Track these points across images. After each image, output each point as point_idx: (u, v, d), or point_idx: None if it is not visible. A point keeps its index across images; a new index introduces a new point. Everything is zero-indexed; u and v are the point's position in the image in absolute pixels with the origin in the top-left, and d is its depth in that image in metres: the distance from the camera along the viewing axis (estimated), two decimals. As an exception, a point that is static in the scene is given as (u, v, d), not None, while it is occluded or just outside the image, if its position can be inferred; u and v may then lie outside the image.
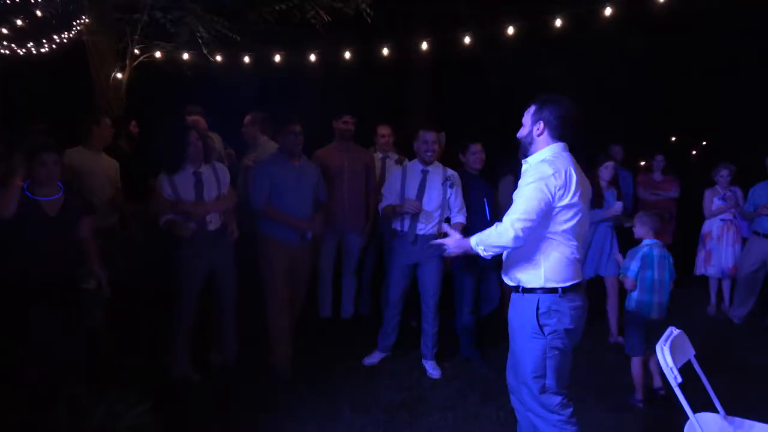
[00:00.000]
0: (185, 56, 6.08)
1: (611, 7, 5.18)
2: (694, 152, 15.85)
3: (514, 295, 2.75)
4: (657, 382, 3.94)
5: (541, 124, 2.65)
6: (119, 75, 5.87)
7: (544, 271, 2.60)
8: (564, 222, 2.58)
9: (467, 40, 5.73)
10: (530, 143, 2.69)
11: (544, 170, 2.55)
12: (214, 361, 4.24)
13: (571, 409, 2.66)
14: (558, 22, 5.32)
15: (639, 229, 3.98)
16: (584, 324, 2.74)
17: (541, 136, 2.66)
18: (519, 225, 2.51)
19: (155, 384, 3.88)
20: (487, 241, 2.62)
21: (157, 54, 6.05)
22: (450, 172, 4.29)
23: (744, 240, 5.83)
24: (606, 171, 5.03)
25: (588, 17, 5.42)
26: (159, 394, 3.75)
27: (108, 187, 4.35)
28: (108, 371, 3.86)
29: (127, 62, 5.90)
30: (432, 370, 4.30)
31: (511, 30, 5.46)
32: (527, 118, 2.70)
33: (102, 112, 4.57)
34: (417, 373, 4.28)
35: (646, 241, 3.93)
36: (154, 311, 4.28)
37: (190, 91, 6.51)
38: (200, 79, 6.40)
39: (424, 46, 5.99)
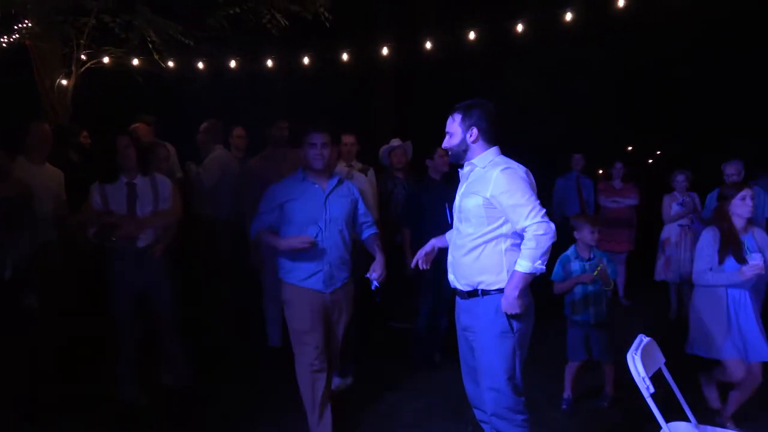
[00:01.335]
0: (135, 62, 5.82)
1: (570, 17, 5.21)
2: (650, 161, 16.31)
3: (470, 300, 2.69)
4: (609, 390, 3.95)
5: (475, 131, 2.67)
6: (64, 81, 5.58)
7: (508, 271, 2.59)
8: None
9: (430, 45, 5.70)
10: (465, 150, 2.72)
11: (513, 167, 2.61)
12: (166, 383, 4.01)
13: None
14: (519, 28, 5.32)
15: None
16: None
17: (476, 143, 2.69)
18: (540, 215, 2.51)
19: (100, 410, 3.68)
20: (536, 255, 2.49)
21: (105, 60, 5.77)
22: (347, 173, 4.17)
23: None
24: (743, 205, 3.36)
25: (548, 26, 5.45)
26: (103, 421, 3.55)
27: (48, 200, 4.06)
28: (49, 397, 3.63)
29: (73, 68, 5.61)
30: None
31: (472, 35, 5.44)
32: (455, 127, 2.71)
33: (35, 120, 4.27)
34: (383, 390, 4.12)
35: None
36: (99, 333, 4.02)
37: (141, 99, 6.27)
38: (152, 85, 6.15)
39: (386, 51, 5.92)
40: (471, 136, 2.67)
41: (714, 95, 12.26)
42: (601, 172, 9.58)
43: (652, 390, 2.41)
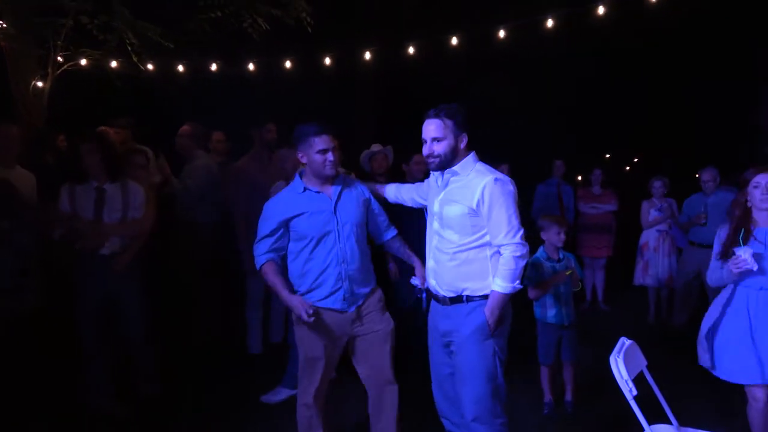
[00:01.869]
0: (113, 64, 5.73)
1: (551, 24, 5.27)
2: (627, 168, 16.60)
3: (452, 307, 2.67)
4: (568, 395, 3.96)
5: (465, 137, 2.65)
6: (40, 84, 5.46)
7: (493, 276, 2.61)
8: None
9: (412, 51, 5.73)
10: (455, 157, 2.66)
11: (503, 179, 2.60)
12: (141, 391, 3.93)
13: None
14: (501, 34, 5.37)
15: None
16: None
17: (463, 148, 2.66)
18: (519, 236, 2.55)
19: (72, 421, 3.60)
20: (513, 275, 2.55)
21: (83, 62, 5.67)
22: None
23: (679, 250, 6.01)
24: (753, 195, 2.94)
25: (528, 33, 5.50)
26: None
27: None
28: (20, 408, 3.52)
29: (49, 70, 5.50)
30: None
31: (454, 41, 5.47)
32: (446, 132, 2.63)
33: (2, 122, 4.18)
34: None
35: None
36: (72, 340, 3.92)
37: (119, 102, 6.17)
38: (131, 88, 6.06)
39: (368, 56, 5.93)
40: (462, 142, 2.65)
41: (693, 101, 12.51)
42: (579, 178, 9.69)
43: (635, 392, 2.42)
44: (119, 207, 3.67)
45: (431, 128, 2.65)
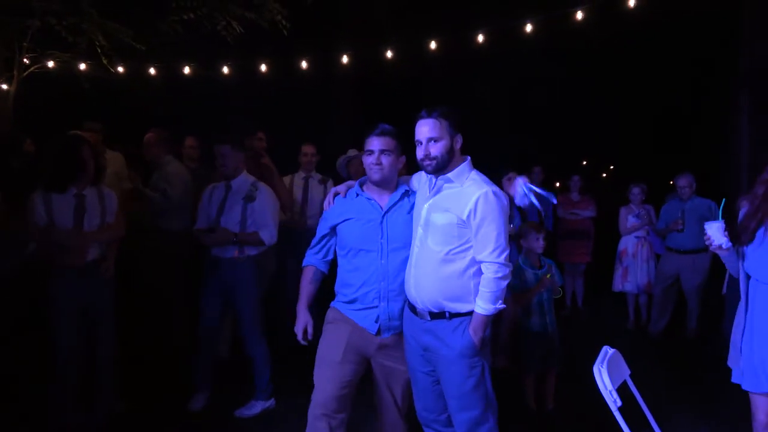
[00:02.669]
0: (82, 67, 5.56)
1: (530, 29, 5.26)
2: (604, 175, 16.78)
3: (434, 322, 2.53)
4: (549, 404, 3.92)
5: (460, 139, 2.55)
6: (5, 86, 5.28)
7: (475, 294, 2.50)
8: None
9: (390, 55, 5.68)
10: (451, 159, 2.53)
11: (498, 193, 2.49)
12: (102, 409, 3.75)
13: None
14: (480, 39, 5.35)
15: None
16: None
17: (458, 149, 2.56)
18: (503, 256, 2.46)
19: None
20: (495, 297, 2.46)
21: (50, 64, 5.49)
22: (251, 183, 3.92)
23: (658, 257, 6.03)
24: None
25: (509, 38, 5.48)
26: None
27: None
28: None
29: (15, 72, 5.32)
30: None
31: (433, 45, 5.43)
32: (442, 132, 2.49)
33: None
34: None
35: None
36: (39, 353, 3.75)
37: (89, 106, 6.01)
38: (101, 91, 5.89)
39: (345, 60, 5.85)
40: (457, 144, 2.54)
41: (669, 107, 12.68)
42: (558, 184, 9.74)
43: (619, 403, 2.36)
44: (98, 213, 3.53)
45: (426, 129, 2.52)
